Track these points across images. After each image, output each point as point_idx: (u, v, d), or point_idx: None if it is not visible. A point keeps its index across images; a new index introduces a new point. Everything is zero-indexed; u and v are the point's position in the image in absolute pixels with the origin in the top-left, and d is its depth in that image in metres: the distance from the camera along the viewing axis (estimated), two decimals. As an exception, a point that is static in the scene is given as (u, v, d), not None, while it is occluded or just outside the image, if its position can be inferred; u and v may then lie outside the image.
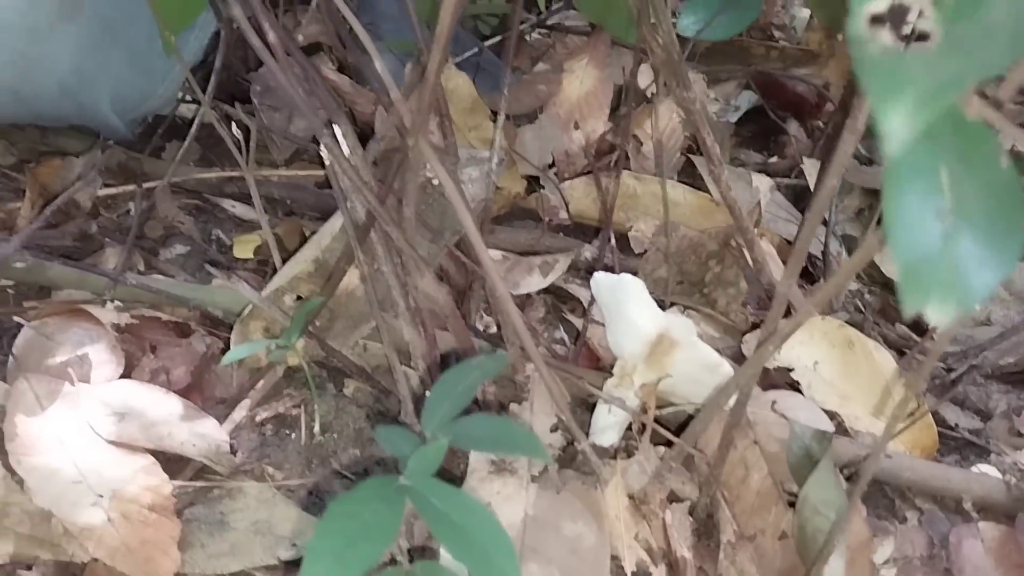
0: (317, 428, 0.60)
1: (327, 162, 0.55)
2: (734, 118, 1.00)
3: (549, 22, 1.06)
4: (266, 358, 0.60)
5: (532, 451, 0.39)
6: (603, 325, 0.66)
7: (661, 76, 0.78)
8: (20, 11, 0.71)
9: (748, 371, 0.47)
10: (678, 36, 0.62)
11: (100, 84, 0.77)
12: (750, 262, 0.67)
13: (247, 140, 0.66)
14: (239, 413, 0.60)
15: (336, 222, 0.63)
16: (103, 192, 0.78)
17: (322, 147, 0.54)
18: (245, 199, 0.81)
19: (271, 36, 0.59)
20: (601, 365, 0.66)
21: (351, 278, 0.62)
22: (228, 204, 0.80)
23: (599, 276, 0.56)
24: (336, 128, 0.57)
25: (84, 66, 0.75)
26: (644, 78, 1.00)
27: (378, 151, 0.62)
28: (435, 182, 0.65)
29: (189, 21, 0.75)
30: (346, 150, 0.56)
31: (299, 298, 0.62)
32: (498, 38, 0.97)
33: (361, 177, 0.55)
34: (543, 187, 0.85)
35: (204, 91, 0.70)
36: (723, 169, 0.62)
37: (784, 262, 0.73)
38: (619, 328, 0.55)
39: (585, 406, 0.60)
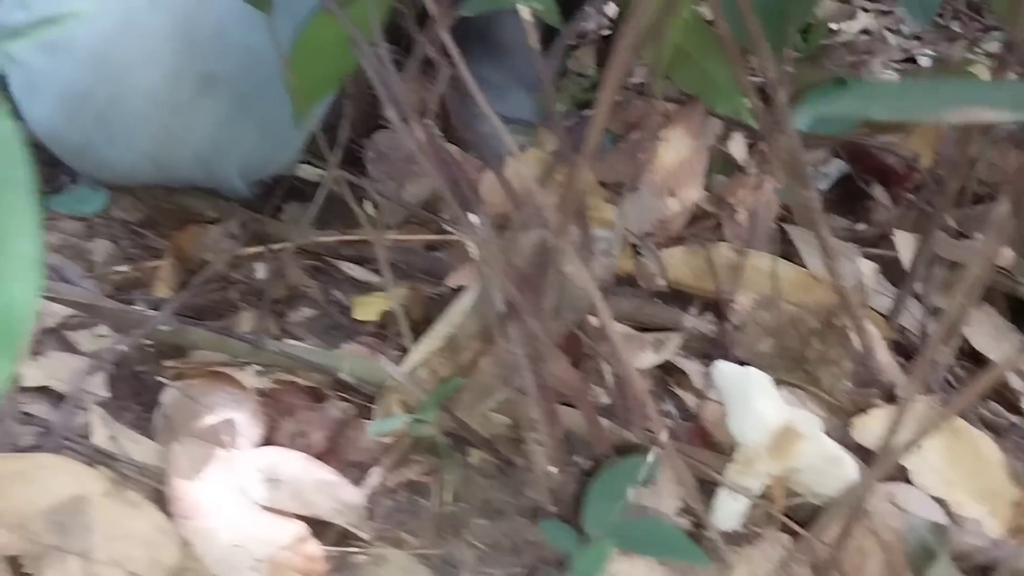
0: (448, 497, 0.63)
1: (471, 253, 0.59)
2: (824, 186, 1.02)
3: (639, 85, 1.09)
4: (408, 431, 0.64)
5: (691, 557, 0.42)
6: (714, 401, 0.69)
7: (773, 163, 0.81)
8: (165, 87, 0.77)
9: (875, 474, 0.50)
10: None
11: (232, 153, 0.83)
12: (856, 344, 0.70)
13: (373, 204, 0.71)
14: (374, 479, 0.64)
15: (466, 300, 0.67)
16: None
17: (467, 243, 0.59)
18: (362, 261, 0.86)
19: (418, 133, 0.63)
20: (711, 441, 0.69)
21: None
22: (346, 266, 0.85)
23: (723, 367, 0.59)
24: (474, 218, 0.61)
25: (218, 137, 0.81)
26: (736, 145, 1.04)
27: (510, 239, 0.66)
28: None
29: (321, 98, 0.80)
30: (484, 238, 0.60)
31: (432, 370, 0.66)
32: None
33: (503, 270, 0.59)
34: (641, 254, 0.88)
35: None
36: (838, 260, 0.65)
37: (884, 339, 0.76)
38: (743, 418, 0.58)
39: (700, 485, 0.63)
